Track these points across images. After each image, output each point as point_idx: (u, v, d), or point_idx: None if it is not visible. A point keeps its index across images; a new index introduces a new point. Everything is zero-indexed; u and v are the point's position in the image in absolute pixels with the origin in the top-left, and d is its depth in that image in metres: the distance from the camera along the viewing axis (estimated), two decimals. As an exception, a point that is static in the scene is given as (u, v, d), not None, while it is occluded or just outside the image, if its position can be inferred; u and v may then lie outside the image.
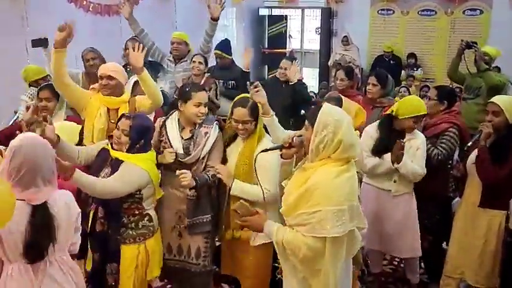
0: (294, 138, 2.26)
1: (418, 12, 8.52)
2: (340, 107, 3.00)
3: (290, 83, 4.53)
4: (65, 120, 3.47)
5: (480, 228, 3.03)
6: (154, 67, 4.71)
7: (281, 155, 2.38)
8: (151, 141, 2.85)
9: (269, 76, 8.84)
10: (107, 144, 2.77)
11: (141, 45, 3.21)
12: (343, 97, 3.28)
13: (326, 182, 2.05)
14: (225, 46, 5.11)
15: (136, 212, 2.70)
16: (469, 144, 3.08)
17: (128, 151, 2.65)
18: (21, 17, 5.18)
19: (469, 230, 3.09)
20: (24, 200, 2.09)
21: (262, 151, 2.43)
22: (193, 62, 4.64)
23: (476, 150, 3.00)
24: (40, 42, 4.40)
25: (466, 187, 3.15)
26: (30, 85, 4.24)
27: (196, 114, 2.88)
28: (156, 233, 2.82)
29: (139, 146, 2.67)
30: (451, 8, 8.20)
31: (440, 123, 3.45)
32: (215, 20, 4.77)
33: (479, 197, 3.01)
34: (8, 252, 2.10)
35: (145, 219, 2.74)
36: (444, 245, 3.59)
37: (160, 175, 2.88)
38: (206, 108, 2.93)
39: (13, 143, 2.11)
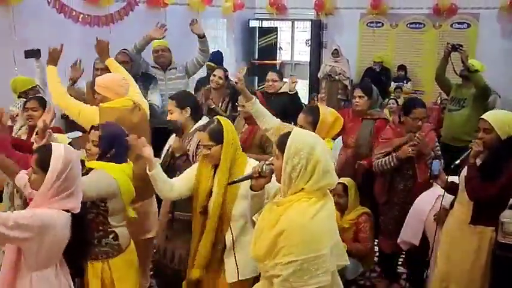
0: (264, 167, 2.03)
1: (406, 25, 8.61)
2: (318, 116, 3.03)
3: (280, 94, 4.52)
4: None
5: (471, 244, 2.98)
6: (147, 79, 4.69)
7: (251, 186, 2.12)
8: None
9: (258, 89, 8.85)
10: (84, 156, 2.71)
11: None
12: (319, 104, 3.29)
13: (301, 225, 1.81)
14: (217, 58, 5.16)
15: (100, 228, 2.56)
16: (457, 162, 3.04)
17: (98, 160, 2.59)
18: (9, 26, 5.14)
19: (459, 246, 3.04)
20: (67, 210, 2.16)
21: (230, 183, 2.22)
22: (214, 75, 4.63)
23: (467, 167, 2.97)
24: (32, 53, 4.39)
25: (456, 201, 3.11)
26: (19, 96, 4.20)
27: None
28: (125, 253, 2.65)
29: (111, 156, 2.59)
30: (439, 21, 8.30)
31: (427, 133, 3.52)
32: (201, 37, 4.75)
33: (468, 213, 2.97)
34: (41, 261, 2.13)
35: (110, 236, 2.58)
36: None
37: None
38: (172, 115, 3.03)
39: (56, 149, 2.16)
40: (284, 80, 4.89)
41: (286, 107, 4.36)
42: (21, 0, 5.13)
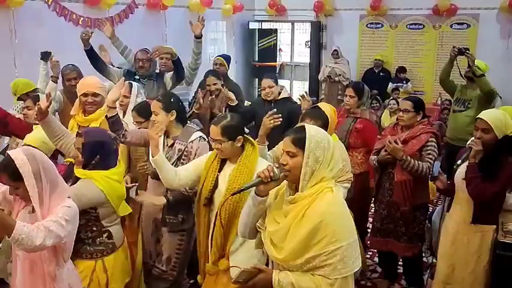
0: (275, 170, 1.95)
1: (406, 26, 8.62)
2: (327, 118, 3.03)
3: (276, 101, 4.36)
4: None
5: (473, 243, 2.98)
6: (160, 80, 4.69)
7: (256, 192, 2.01)
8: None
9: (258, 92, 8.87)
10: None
11: None
12: (318, 104, 3.34)
13: (338, 212, 1.89)
14: (226, 58, 5.31)
15: (94, 229, 2.58)
16: (459, 162, 3.05)
17: (83, 168, 2.55)
18: (10, 29, 5.16)
19: (461, 246, 3.04)
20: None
21: (237, 192, 2.09)
22: (208, 85, 4.62)
23: (464, 165, 2.98)
24: (46, 56, 4.45)
25: (453, 203, 3.11)
26: (19, 99, 4.19)
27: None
28: (118, 251, 2.67)
29: (96, 163, 2.55)
30: (439, 22, 8.31)
31: (419, 134, 3.43)
32: (198, 37, 4.70)
33: (469, 213, 2.97)
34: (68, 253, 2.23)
35: (104, 236, 2.61)
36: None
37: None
38: (157, 116, 2.97)
39: (16, 157, 2.10)
40: (284, 82, 4.82)
41: (291, 114, 3.95)
42: (22, 3, 5.14)
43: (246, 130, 2.82)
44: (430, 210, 4.21)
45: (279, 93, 4.41)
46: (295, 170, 1.92)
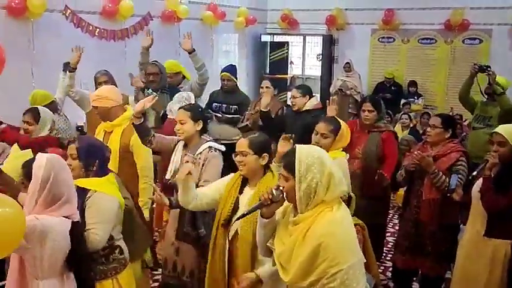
0: (274, 192, 1.95)
1: (418, 41, 8.64)
2: (339, 124, 3.12)
3: (304, 111, 4.40)
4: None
5: (485, 256, 2.99)
6: (174, 91, 4.74)
7: (261, 214, 2.03)
8: None
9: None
10: None
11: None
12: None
13: (336, 233, 1.84)
14: (232, 70, 5.19)
15: (106, 245, 2.50)
16: (474, 173, 3.08)
17: (86, 176, 2.52)
18: (28, 40, 5.25)
19: (473, 259, 3.06)
20: (65, 216, 2.16)
21: (239, 217, 2.11)
22: (261, 87, 4.80)
23: (481, 179, 3.00)
24: (68, 66, 4.52)
25: (470, 215, 3.14)
26: None
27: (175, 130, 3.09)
28: (128, 265, 2.64)
29: (97, 169, 2.53)
30: (451, 37, 8.33)
31: (450, 152, 3.41)
32: (190, 52, 4.79)
33: (483, 225, 2.99)
34: (45, 269, 2.14)
35: (116, 251, 2.55)
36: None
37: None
38: (183, 125, 3.02)
39: (38, 159, 2.15)
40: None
41: (306, 128, 3.75)
42: (41, 14, 5.24)
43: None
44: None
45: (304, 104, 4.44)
46: (291, 193, 1.92)
